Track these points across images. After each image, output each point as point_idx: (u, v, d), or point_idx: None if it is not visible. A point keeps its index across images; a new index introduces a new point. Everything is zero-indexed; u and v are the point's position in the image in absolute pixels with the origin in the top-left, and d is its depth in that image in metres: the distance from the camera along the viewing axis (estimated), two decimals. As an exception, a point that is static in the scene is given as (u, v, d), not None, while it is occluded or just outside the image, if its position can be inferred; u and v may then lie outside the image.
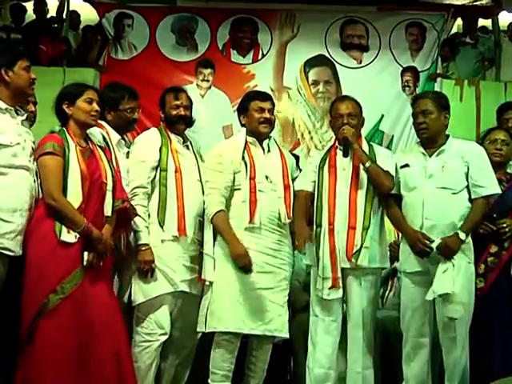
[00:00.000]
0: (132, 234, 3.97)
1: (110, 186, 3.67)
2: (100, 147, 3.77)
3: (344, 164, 4.02)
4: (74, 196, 3.51)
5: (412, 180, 3.91)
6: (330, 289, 3.86)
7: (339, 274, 3.87)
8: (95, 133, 3.82)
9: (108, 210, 3.66)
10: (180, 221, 3.96)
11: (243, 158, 4.03)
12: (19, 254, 3.45)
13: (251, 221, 3.93)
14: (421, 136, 3.99)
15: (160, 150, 4.04)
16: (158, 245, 3.94)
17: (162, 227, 3.94)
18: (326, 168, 4.04)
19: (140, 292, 3.92)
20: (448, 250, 3.72)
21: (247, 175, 3.99)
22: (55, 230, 3.45)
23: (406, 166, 3.97)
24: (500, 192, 3.87)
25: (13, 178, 3.46)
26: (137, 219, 3.90)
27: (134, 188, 3.95)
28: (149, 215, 3.96)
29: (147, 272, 3.89)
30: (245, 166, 4.01)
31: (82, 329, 3.46)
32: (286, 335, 4.00)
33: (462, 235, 3.74)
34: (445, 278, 3.69)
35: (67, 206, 3.47)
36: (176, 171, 4.02)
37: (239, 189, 4.00)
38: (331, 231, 3.91)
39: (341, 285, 3.88)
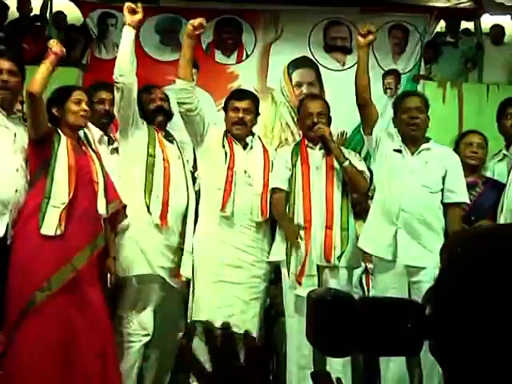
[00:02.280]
0: None
1: (101, 185, 3.67)
2: (93, 150, 3.78)
3: (317, 162, 4.02)
4: (60, 186, 3.53)
5: (396, 168, 3.94)
6: (300, 284, 3.88)
7: (314, 272, 3.88)
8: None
9: (102, 208, 3.68)
10: (163, 210, 3.96)
11: (223, 146, 4.04)
12: None
13: (223, 209, 3.93)
14: (410, 132, 3.97)
15: (148, 140, 4.07)
16: (143, 227, 3.95)
17: (148, 211, 3.94)
18: (298, 165, 4.04)
19: (120, 268, 3.92)
20: None
21: (226, 164, 4.00)
22: (38, 225, 3.45)
23: (399, 151, 3.98)
24: (468, 202, 3.91)
25: None
26: None
27: None
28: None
29: None
30: (224, 154, 4.02)
31: (68, 326, 3.47)
32: (251, 333, 3.98)
33: None
34: None
35: None
36: (164, 160, 4.03)
37: (215, 176, 4.03)
38: (307, 229, 3.92)
39: (316, 282, 3.89)
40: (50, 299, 3.44)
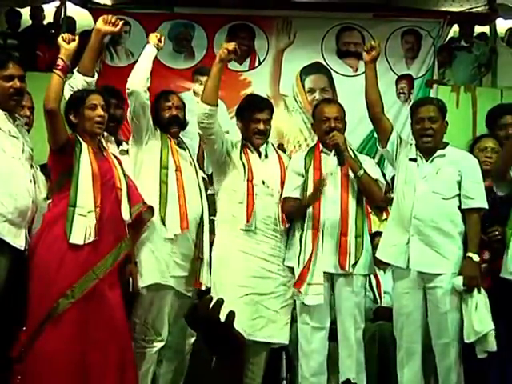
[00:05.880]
0: None
1: (124, 192, 3.67)
2: (113, 155, 3.78)
3: (331, 168, 3.99)
4: (85, 194, 3.50)
5: (410, 176, 3.92)
6: (300, 292, 3.84)
7: (320, 281, 3.86)
8: None
9: (126, 214, 3.67)
10: (182, 218, 3.92)
11: (241, 158, 4.03)
12: (5, 238, 3.40)
13: (248, 221, 3.92)
14: (423, 143, 3.93)
15: (160, 149, 4.03)
16: (158, 240, 3.92)
17: (164, 224, 3.91)
18: (311, 171, 4.01)
19: (140, 279, 3.88)
20: (474, 280, 3.72)
21: (245, 177, 3.99)
22: (65, 232, 3.45)
23: (414, 160, 3.96)
24: (487, 208, 3.87)
25: (10, 167, 3.46)
26: None
27: None
28: None
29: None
30: (243, 167, 4.01)
31: (88, 333, 3.45)
32: (282, 341, 3.99)
33: (476, 257, 3.75)
34: (482, 315, 3.68)
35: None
36: (176, 170, 4.01)
37: (235, 190, 4.00)
38: (315, 236, 3.89)
39: (322, 291, 3.85)
40: (72, 306, 3.43)
